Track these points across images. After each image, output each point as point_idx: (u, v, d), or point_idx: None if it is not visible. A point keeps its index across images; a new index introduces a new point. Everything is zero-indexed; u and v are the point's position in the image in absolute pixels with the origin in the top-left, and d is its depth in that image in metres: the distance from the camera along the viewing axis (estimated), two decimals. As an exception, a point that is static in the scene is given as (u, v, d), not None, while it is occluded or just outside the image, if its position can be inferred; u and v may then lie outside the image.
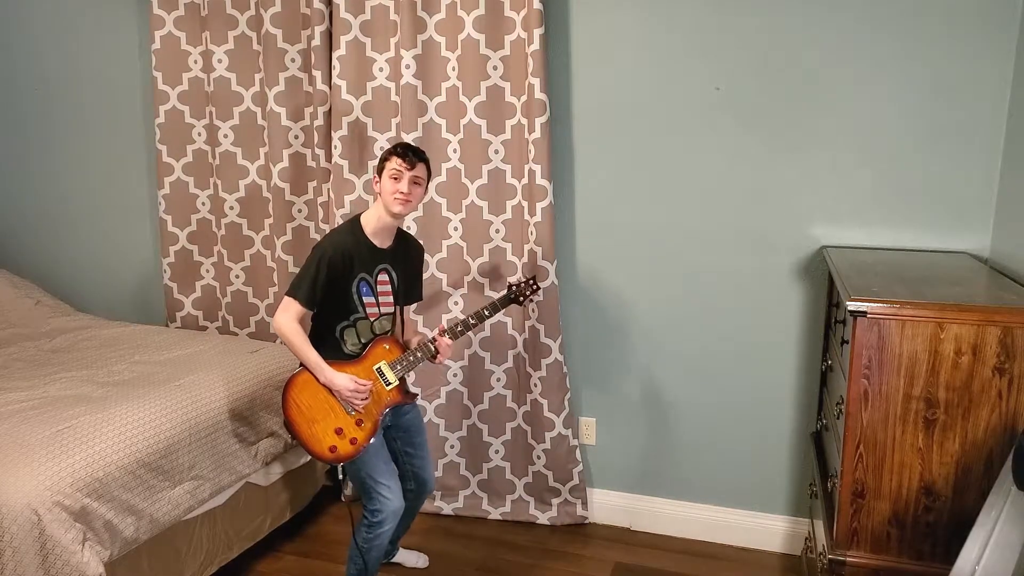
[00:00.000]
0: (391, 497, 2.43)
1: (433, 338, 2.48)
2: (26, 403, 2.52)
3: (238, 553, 2.84)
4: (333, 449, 2.38)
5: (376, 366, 2.42)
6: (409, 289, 2.58)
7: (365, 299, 2.41)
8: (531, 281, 2.68)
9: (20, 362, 2.98)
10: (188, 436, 2.55)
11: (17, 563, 2.06)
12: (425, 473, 2.68)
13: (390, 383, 2.43)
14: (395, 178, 2.34)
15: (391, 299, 2.47)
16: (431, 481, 2.71)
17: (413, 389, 2.54)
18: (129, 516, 2.30)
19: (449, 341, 2.48)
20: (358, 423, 2.40)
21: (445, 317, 3.16)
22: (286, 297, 2.36)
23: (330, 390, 2.37)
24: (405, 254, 2.52)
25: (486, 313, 2.56)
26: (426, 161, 2.41)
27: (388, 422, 2.55)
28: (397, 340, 2.49)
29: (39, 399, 2.55)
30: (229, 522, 2.78)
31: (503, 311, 2.63)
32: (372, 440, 2.41)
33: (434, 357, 2.47)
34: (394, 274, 2.46)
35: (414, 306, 2.67)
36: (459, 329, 2.51)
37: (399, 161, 2.34)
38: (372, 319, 2.44)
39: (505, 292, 2.65)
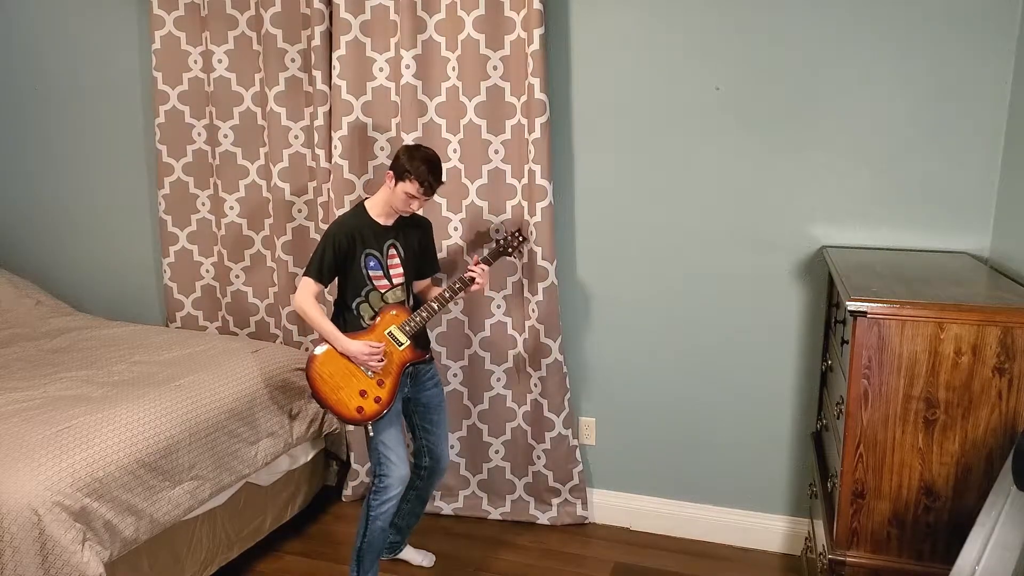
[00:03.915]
0: (398, 463, 2.58)
1: (469, 268, 2.63)
2: (26, 403, 2.52)
3: (238, 553, 2.85)
4: (360, 410, 2.55)
5: (387, 330, 2.58)
6: (421, 262, 2.72)
7: (373, 273, 2.57)
8: (516, 233, 2.80)
9: (20, 362, 2.98)
10: (188, 436, 2.55)
11: (17, 563, 2.06)
12: (439, 450, 2.79)
13: (402, 344, 2.58)
14: (411, 196, 2.49)
15: (401, 271, 2.62)
16: (445, 458, 2.82)
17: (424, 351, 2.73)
18: (129, 516, 2.30)
19: (485, 267, 2.65)
20: (379, 383, 2.56)
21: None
22: (302, 277, 2.56)
23: (348, 357, 2.53)
24: (410, 230, 2.65)
25: (490, 259, 2.73)
26: (442, 182, 2.58)
27: (409, 394, 2.69)
28: (403, 306, 2.62)
29: (39, 399, 2.55)
30: (229, 522, 2.78)
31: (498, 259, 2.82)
32: (393, 403, 2.56)
33: (470, 284, 2.61)
34: (400, 248, 2.61)
35: (428, 280, 2.82)
36: (490, 258, 2.72)
37: (420, 191, 2.47)
38: (383, 291, 2.59)
39: (494, 246, 2.77)
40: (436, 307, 2.61)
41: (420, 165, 2.45)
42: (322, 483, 3.39)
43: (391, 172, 2.51)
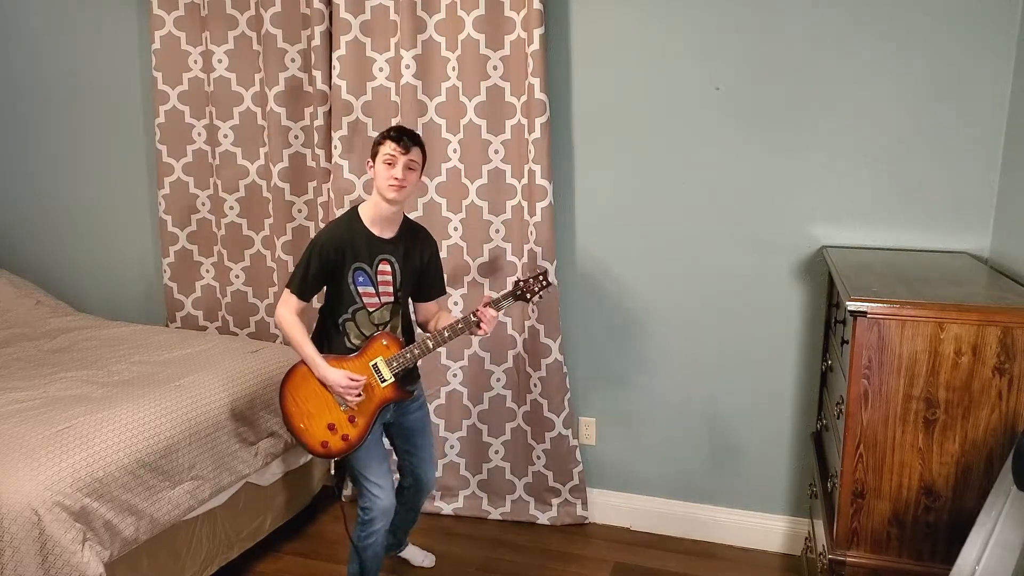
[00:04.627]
0: (381, 496, 2.43)
1: (477, 310, 2.38)
2: (26, 403, 2.52)
3: (238, 553, 2.85)
4: (324, 444, 2.38)
5: (373, 362, 2.38)
6: (423, 283, 2.52)
7: (362, 289, 2.37)
8: (540, 276, 2.48)
9: (20, 362, 2.98)
10: (188, 436, 2.55)
11: (17, 563, 2.06)
12: (423, 472, 2.65)
13: (385, 380, 2.39)
14: (389, 163, 2.29)
15: (391, 290, 2.41)
16: (430, 481, 2.69)
17: (411, 388, 2.54)
18: (129, 516, 2.30)
19: (495, 312, 2.39)
20: (351, 420, 2.38)
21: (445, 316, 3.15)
22: (285, 290, 2.39)
23: (325, 384, 2.37)
24: (412, 247, 2.45)
25: (504, 303, 2.44)
26: (421, 145, 2.37)
27: (391, 419, 2.54)
28: (396, 337, 2.43)
29: (39, 399, 2.55)
30: (229, 522, 2.78)
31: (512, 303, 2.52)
32: (368, 437, 2.40)
33: (477, 326, 2.37)
34: (396, 265, 2.41)
35: (435, 303, 2.60)
36: (502, 302, 2.43)
37: (393, 146, 2.29)
38: (372, 309, 2.40)
39: (510, 288, 2.51)
40: (431, 345, 2.38)
41: (386, 130, 2.34)
42: (322, 483, 3.38)
43: (369, 161, 2.37)
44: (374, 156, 2.34)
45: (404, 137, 2.31)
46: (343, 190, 3.18)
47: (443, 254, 3.11)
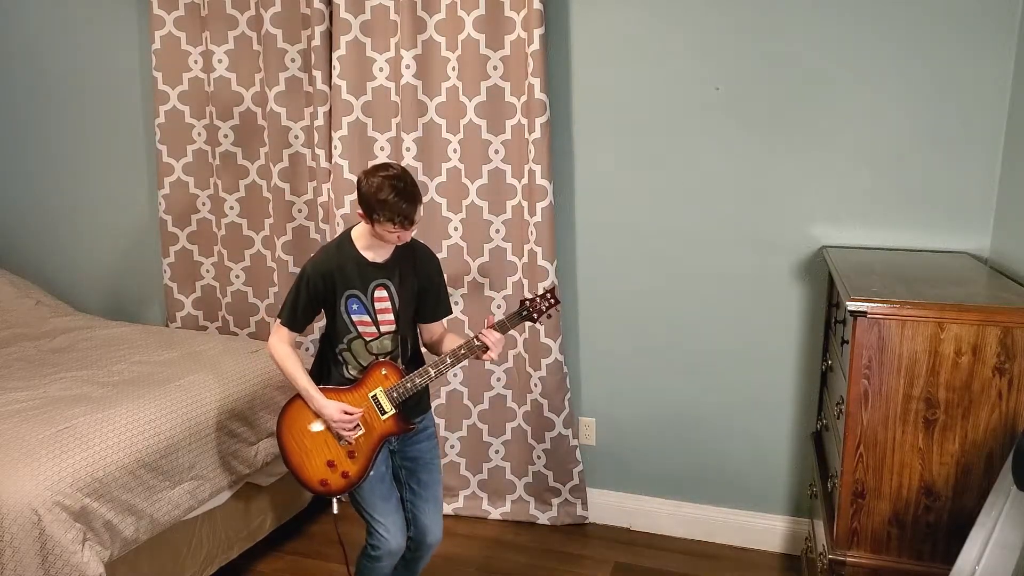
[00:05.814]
0: (388, 537, 2.26)
1: (481, 332, 2.20)
2: (26, 403, 2.52)
3: (238, 553, 2.85)
4: (324, 483, 2.24)
5: (372, 393, 2.21)
6: (423, 303, 2.30)
7: (355, 317, 2.20)
8: (548, 295, 2.30)
9: (20, 362, 2.98)
10: (188, 436, 2.55)
11: (17, 563, 2.06)
12: (426, 518, 2.35)
13: (386, 412, 2.21)
14: (392, 232, 2.09)
15: (391, 317, 2.22)
16: (433, 531, 2.37)
17: (416, 421, 2.33)
18: (129, 516, 2.31)
19: (500, 335, 2.20)
20: (350, 455, 2.22)
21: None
22: (276, 320, 2.28)
23: (321, 418, 2.22)
24: (408, 268, 2.24)
25: (515, 320, 2.28)
26: (420, 202, 2.12)
27: (395, 447, 2.35)
28: (396, 365, 2.24)
29: (39, 399, 2.55)
30: (229, 522, 2.78)
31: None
32: (370, 473, 2.24)
33: (483, 350, 2.20)
34: (393, 290, 2.21)
35: (439, 324, 2.39)
36: (507, 324, 2.25)
37: (397, 228, 2.06)
38: (369, 339, 2.22)
39: (517, 307, 2.31)
40: (434, 374, 2.20)
41: (387, 197, 2.01)
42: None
43: (361, 210, 2.09)
44: (371, 219, 2.07)
45: (403, 214, 2.04)
46: (343, 190, 3.18)
47: (443, 254, 3.11)
